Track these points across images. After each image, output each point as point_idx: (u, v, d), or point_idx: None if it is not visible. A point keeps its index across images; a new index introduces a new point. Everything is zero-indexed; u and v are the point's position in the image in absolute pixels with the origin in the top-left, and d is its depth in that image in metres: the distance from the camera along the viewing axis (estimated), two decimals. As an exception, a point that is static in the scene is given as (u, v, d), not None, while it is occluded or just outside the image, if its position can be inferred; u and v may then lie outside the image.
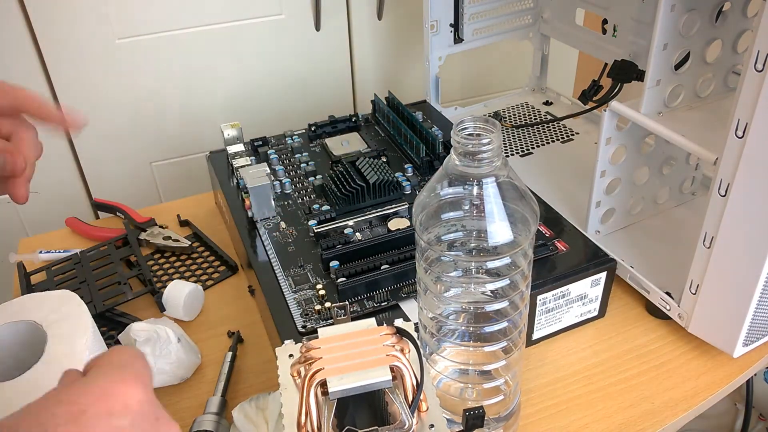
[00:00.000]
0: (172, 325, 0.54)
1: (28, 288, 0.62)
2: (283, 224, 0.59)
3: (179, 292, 0.57)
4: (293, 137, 0.72)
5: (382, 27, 0.94)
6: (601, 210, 0.60)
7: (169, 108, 0.89)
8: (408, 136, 0.67)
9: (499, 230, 0.36)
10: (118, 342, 0.55)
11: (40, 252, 0.67)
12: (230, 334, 0.57)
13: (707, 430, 0.93)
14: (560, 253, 0.54)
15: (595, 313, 0.57)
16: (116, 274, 0.62)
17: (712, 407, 0.51)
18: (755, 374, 0.66)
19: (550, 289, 0.51)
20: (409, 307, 0.50)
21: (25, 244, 0.72)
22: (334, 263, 0.52)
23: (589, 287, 0.54)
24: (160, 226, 0.70)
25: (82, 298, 0.43)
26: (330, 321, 0.48)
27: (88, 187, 0.91)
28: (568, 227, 0.57)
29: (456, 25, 0.75)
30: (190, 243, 0.67)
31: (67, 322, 0.40)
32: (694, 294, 0.49)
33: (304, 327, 0.48)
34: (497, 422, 0.45)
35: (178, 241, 0.67)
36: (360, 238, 0.55)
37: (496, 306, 0.40)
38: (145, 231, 0.69)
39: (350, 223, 0.56)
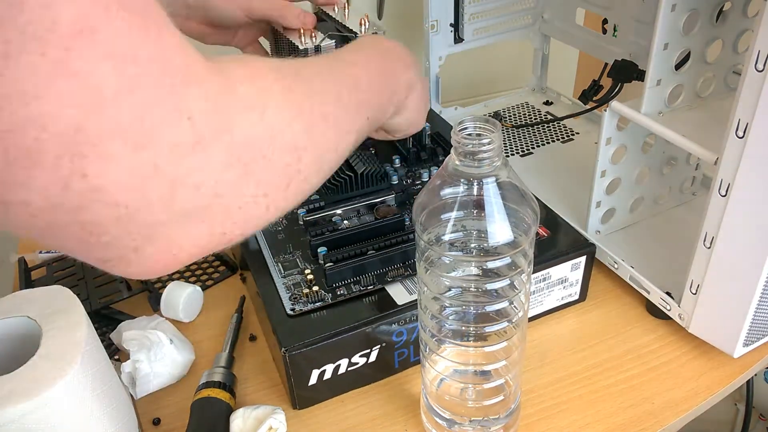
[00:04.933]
0: (163, 326, 0.54)
1: (27, 283, 0.62)
2: None
3: (177, 294, 0.57)
4: None
5: (382, 27, 0.94)
6: (601, 210, 0.60)
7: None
8: None
9: (500, 230, 0.36)
10: (110, 341, 0.55)
11: (40, 252, 0.67)
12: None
13: (707, 431, 0.93)
14: (541, 238, 0.55)
15: (576, 297, 0.58)
16: (115, 273, 0.62)
17: (713, 407, 0.51)
18: (755, 374, 0.66)
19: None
20: (394, 290, 0.51)
21: (25, 244, 0.71)
22: (321, 249, 0.53)
23: (570, 271, 0.55)
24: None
25: (78, 295, 0.43)
26: (318, 303, 0.49)
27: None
28: (550, 214, 0.59)
29: (456, 25, 0.75)
30: None
31: (61, 316, 0.40)
32: (695, 294, 0.49)
33: (292, 309, 0.49)
34: (497, 422, 0.45)
35: None
36: (348, 226, 0.56)
37: (497, 306, 0.40)
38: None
39: (338, 211, 0.57)
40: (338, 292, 0.50)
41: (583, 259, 0.55)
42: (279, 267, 0.53)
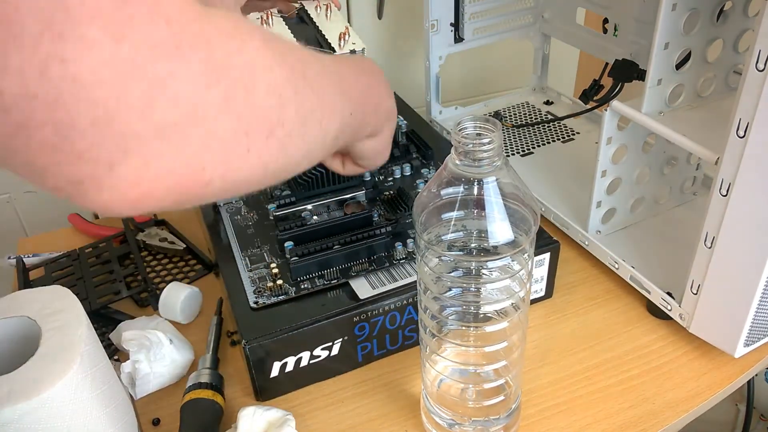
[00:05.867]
0: (163, 326, 0.54)
1: (26, 284, 0.62)
2: (244, 209, 0.61)
3: (176, 296, 0.57)
4: None
5: (382, 27, 0.94)
6: (602, 210, 0.60)
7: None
8: None
9: (500, 230, 0.36)
10: (110, 341, 0.55)
11: (27, 256, 0.66)
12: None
13: (708, 431, 0.93)
14: None
15: (542, 293, 0.58)
16: (113, 272, 0.62)
17: (713, 408, 0.51)
18: (756, 374, 0.66)
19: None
20: (357, 285, 0.51)
21: (24, 245, 0.71)
22: (288, 244, 0.54)
23: (534, 267, 0.55)
24: (160, 226, 0.69)
25: (77, 294, 0.43)
26: (281, 297, 0.50)
27: (87, 187, 0.91)
28: None
29: (456, 25, 0.75)
30: (185, 246, 0.66)
31: (61, 316, 0.40)
32: (695, 294, 0.49)
33: (256, 303, 0.50)
34: (498, 422, 0.45)
35: (173, 243, 0.66)
36: (317, 221, 0.56)
37: (497, 306, 0.40)
38: (143, 231, 0.68)
39: (309, 207, 0.58)
40: (302, 286, 0.51)
41: (547, 256, 0.56)
42: (246, 261, 0.54)
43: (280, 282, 0.51)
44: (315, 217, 0.57)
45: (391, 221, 0.55)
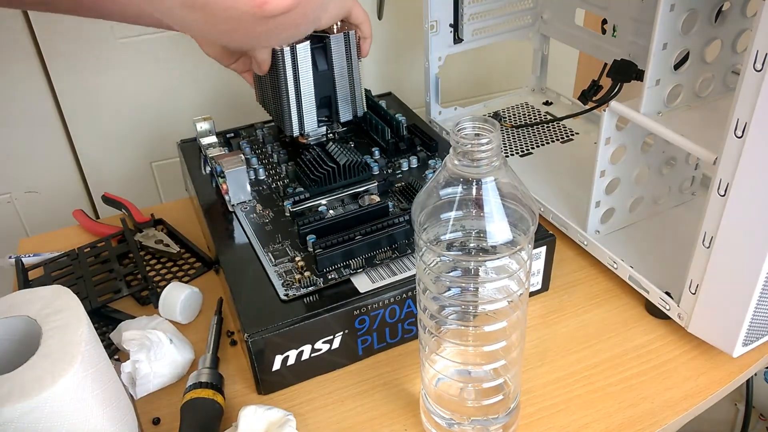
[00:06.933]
0: (163, 326, 0.54)
1: (25, 283, 0.62)
2: (259, 207, 0.62)
3: (175, 296, 0.57)
4: (263, 128, 0.74)
5: (382, 27, 0.94)
6: (600, 210, 0.60)
7: (170, 107, 0.89)
8: (373, 122, 0.69)
9: (499, 230, 0.36)
10: (110, 341, 0.55)
11: (26, 256, 0.66)
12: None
13: (707, 430, 0.93)
14: None
15: (539, 287, 0.59)
16: (113, 271, 0.62)
17: (712, 407, 0.51)
18: (755, 374, 0.66)
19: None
20: (357, 278, 0.52)
21: (25, 245, 0.72)
22: (311, 237, 0.55)
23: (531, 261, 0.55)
24: (158, 226, 0.69)
25: (78, 294, 0.43)
26: (310, 289, 0.51)
27: (88, 188, 0.91)
28: None
29: (456, 26, 0.75)
30: (178, 249, 0.66)
31: (61, 316, 0.40)
32: (694, 294, 0.49)
33: (286, 295, 0.51)
34: (497, 422, 0.45)
35: (168, 246, 0.66)
36: (334, 214, 0.57)
37: (496, 306, 0.40)
38: (141, 232, 0.68)
39: (323, 201, 0.59)
40: (329, 276, 0.52)
41: (543, 249, 0.56)
42: (270, 256, 0.55)
43: (307, 273, 0.52)
44: (331, 212, 0.58)
45: (407, 210, 0.57)
